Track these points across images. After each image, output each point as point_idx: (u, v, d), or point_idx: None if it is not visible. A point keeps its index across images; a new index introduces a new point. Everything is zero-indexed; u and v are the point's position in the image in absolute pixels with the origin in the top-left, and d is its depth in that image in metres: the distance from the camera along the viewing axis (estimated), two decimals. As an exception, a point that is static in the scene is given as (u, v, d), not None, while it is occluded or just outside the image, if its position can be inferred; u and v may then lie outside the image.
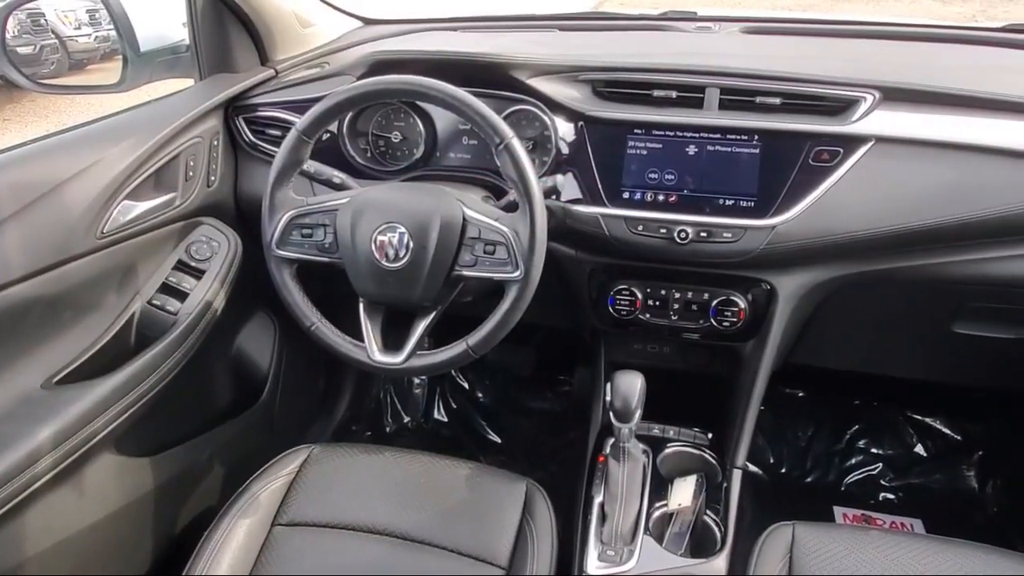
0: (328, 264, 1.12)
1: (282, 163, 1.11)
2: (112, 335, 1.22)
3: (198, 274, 1.34)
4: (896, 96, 1.18)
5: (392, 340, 1.14)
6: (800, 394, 2.04)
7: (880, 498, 1.90)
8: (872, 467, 1.95)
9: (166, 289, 1.30)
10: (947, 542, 1.08)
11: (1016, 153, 1.11)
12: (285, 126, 1.38)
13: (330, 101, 1.08)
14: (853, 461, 1.96)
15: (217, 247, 1.37)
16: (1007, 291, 1.22)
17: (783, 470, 1.98)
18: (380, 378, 2.14)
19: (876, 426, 1.98)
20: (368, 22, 1.85)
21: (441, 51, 1.36)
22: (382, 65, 1.33)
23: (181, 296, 1.30)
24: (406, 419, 2.17)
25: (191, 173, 1.33)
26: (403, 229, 1.05)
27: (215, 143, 1.39)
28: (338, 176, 1.18)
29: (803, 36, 1.57)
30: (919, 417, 1.97)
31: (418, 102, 1.31)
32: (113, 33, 1.38)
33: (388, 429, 2.15)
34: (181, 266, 1.34)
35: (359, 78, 1.35)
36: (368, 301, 1.13)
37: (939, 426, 1.96)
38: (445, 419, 2.18)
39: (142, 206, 1.24)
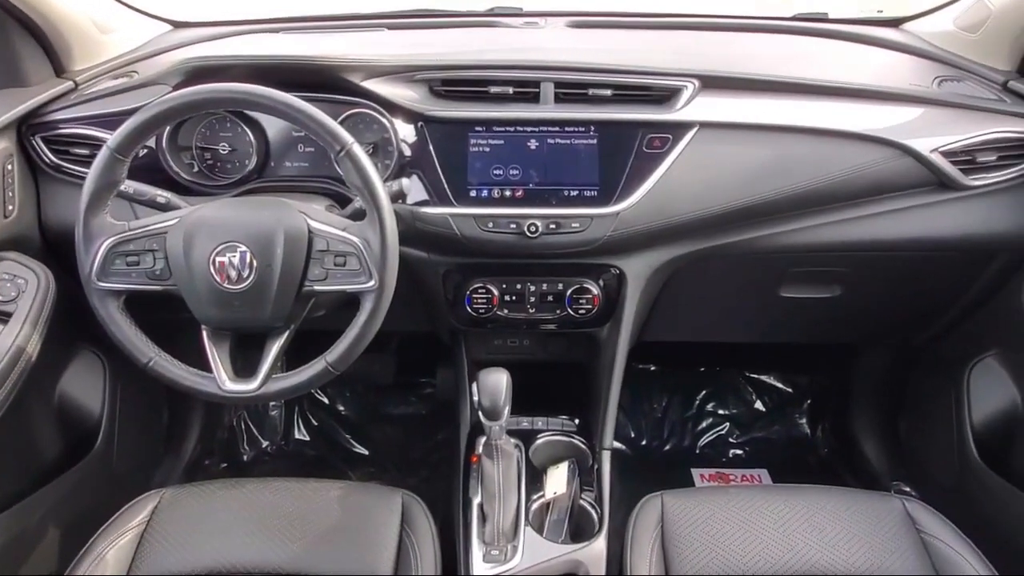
0: (161, 292, 1.03)
1: (95, 185, 1.00)
2: None
3: (3, 317, 1.18)
4: (713, 84, 1.26)
5: (243, 365, 1.06)
6: (652, 368, 2.15)
7: (731, 455, 2.06)
8: (721, 427, 2.11)
9: (-36, 338, 1.14)
10: (792, 488, 1.19)
11: (818, 131, 1.23)
12: (94, 144, 1.25)
13: (145, 114, 0.99)
14: (704, 424, 2.11)
15: (24, 285, 1.21)
16: (820, 255, 1.36)
17: (644, 442, 2.08)
18: (232, 405, 2.01)
19: (721, 389, 2.14)
20: (178, 25, 1.72)
21: (266, 55, 1.29)
22: (201, 72, 1.24)
23: None
24: (264, 444, 2.06)
25: None
26: (244, 248, 0.99)
27: (8, 167, 1.23)
28: (162, 195, 1.09)
29: (624, 29, 1.65)
30: (756, 376, 2.16)
31: (246, 111, 1.23)
32: None
33: (245, 457, 2.03)
34: None
35: (176, 87, 1.24)
36: (212, 327, 1.05)
37: (773, 382, 2.16)
38: (307, 438, 2.09)
39: (-78, 245, 1.07)
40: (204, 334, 1.05)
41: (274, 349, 1.04)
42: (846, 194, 1.26)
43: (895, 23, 1.66)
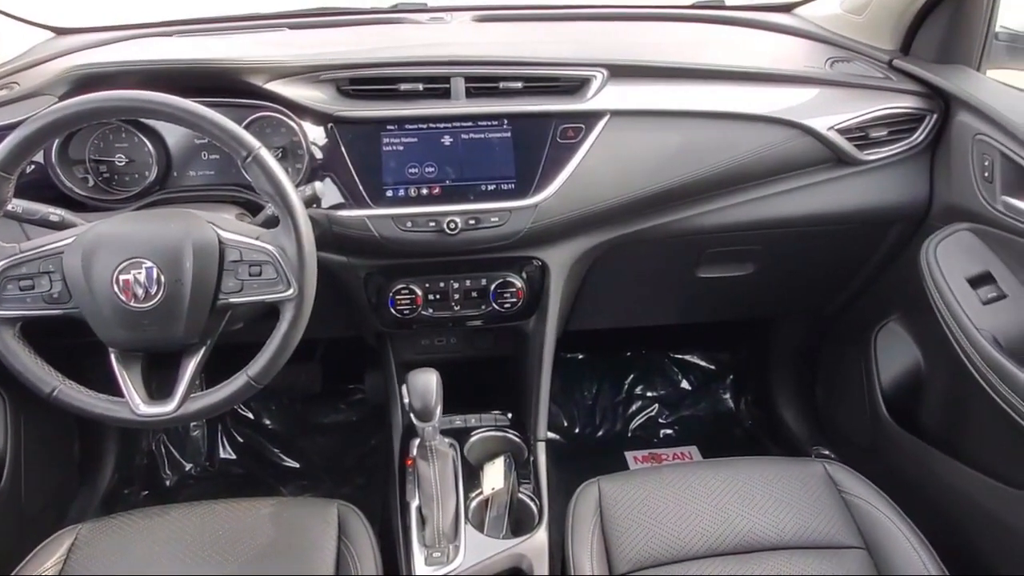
0: (61, 316, 0.97)
1: None
2: None
3: None
4: (620, 72, 1.28)
5: (158, 386, 1.01)
6: (580, 357, 2.18)
7: (661, 435, 2.11)
8: (651, 409, 2.15)
9: None
10: (721, 462, 1.23)
11: (724, 115, 1.27)
12: None
13: (29, 128, 0.92)
14: (634, 407, 2.15)
15: None
16: (733, 235, 1.40)
17: (577, 430, 2.11)
18: (149, 429, 1.91)
19: (648, 372, 2.19)
20: (61, 32, 1.61)
21: (160, 59, 1.23)
22: (89, 80, 1.17)
23: None
24: (188, 467, 1.97)
25: None
26: (150, 263, 0.94)
27: None
28: (56, 213, 1.02)
29: (530, 22, 1.66)
30: (680, 356, 2.22)
31: (142, 119, 1.17)
32: None
33: (168, 483, 1.94)
34: None
35: (62, 97, 1.17)
36: (120, 350, 0.99)
37: (697, 360, 2.22)
38: (233, 456, 2.01)
39: None
40: (112, 357, 0.99)
41: (190, 367, 1.00)
42: (754, 174, 1.31)
43: (787, 8, 1.73)
